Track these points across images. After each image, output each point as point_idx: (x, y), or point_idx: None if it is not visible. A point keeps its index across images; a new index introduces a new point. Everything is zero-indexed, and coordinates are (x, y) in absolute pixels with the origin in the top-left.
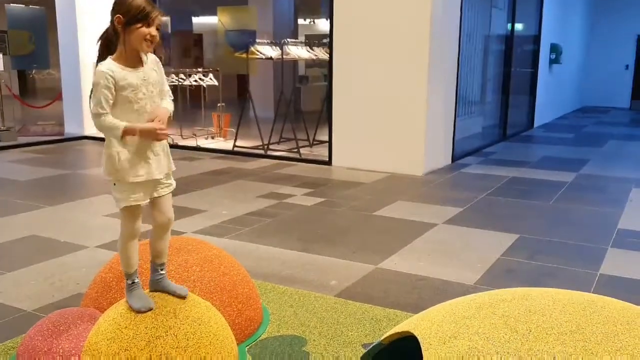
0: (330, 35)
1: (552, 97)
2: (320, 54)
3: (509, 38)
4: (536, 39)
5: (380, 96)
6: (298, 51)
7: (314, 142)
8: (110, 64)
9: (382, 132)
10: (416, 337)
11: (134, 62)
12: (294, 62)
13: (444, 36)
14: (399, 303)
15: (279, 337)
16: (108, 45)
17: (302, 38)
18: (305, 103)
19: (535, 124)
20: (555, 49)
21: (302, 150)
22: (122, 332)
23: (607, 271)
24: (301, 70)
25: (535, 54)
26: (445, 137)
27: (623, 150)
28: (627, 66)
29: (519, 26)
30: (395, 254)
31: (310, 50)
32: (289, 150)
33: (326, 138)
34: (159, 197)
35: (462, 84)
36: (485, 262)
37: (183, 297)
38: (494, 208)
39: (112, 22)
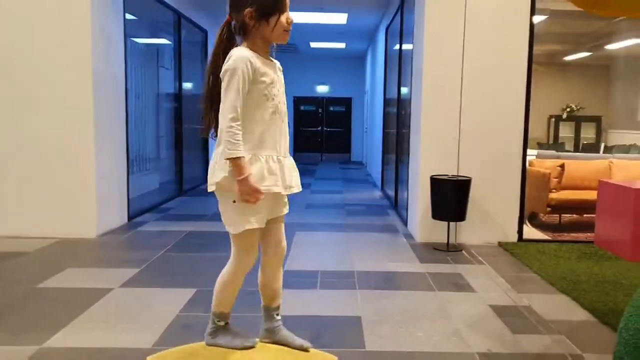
0: None
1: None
2: None
3: (179, 96)
4: None
5: (41, 154)
6: None
7: None
8: (247, 50)
9: (46, 193)
10: None
11: (265, 56)
12: None
13: (109, 93)
14: None
15: None
16: (230, 38)
17: None
18: None
19: None
20: None
21: None
22: None
23: None
24: None
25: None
26: (119, 196)
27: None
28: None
29: (187, 85)
30: (65, 327)
31: None
32: None
33: None
34: (276, 218)
35: (134, 141)
36: (164, 321)
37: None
38: (172, 265)
39: (239, 15)
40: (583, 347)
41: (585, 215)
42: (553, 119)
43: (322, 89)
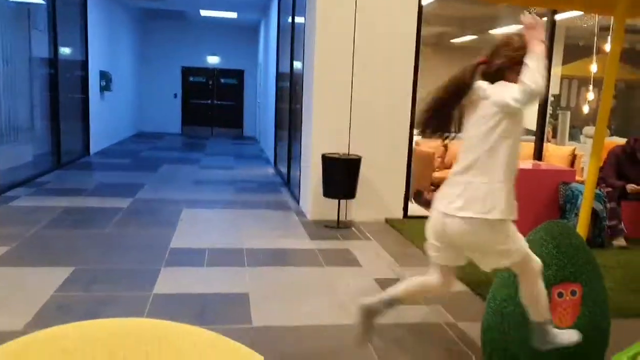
0: None
1: (106, 123)
2: None
3: (54, 62)
4: (84, 65)
5: None
6: None
7: None
8: None
9: None
10: None
11: None
12: None
13: None
14: None
15: None
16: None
17: None
18: None
19: (92, 151)
20: (105, 76)
21: None
22: None
23: (160, 290)
24: None
25: (85, 80)
26: None
27: (175, 173)
28: (175, 95)
29: (64, 50)
30: None
31: None
32: None
33: None
34: None
35: (2, 110)
36: (37, 302)
37: None
38: (47, 242)
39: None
40: (457, 316)
41: None
42: None
43: (212, 60)
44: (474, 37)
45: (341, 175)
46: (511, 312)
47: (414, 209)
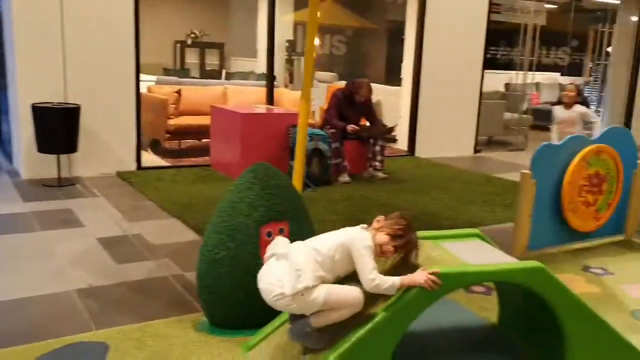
0: None
1: None
2: None
3: None
4: None
5: None
6: None
7: None
8: None
9: None
10: None
11: None
12: None
13: None
14: None
15: None
16: None
17: None
18: None
19: None
20: None
21: None
22: None
23: None
24: None
25: None
26: None
27: None
28: None
29: None
30: None
31: None
32: None
33: None
34: None
35: None
36: None
37: None
38: None
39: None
40: (185, 267)
41: (203, 140)
42: (179, 45)
43: None
44: None
45: (57, 127)
46: (222, 257)
47: (150, 159)
